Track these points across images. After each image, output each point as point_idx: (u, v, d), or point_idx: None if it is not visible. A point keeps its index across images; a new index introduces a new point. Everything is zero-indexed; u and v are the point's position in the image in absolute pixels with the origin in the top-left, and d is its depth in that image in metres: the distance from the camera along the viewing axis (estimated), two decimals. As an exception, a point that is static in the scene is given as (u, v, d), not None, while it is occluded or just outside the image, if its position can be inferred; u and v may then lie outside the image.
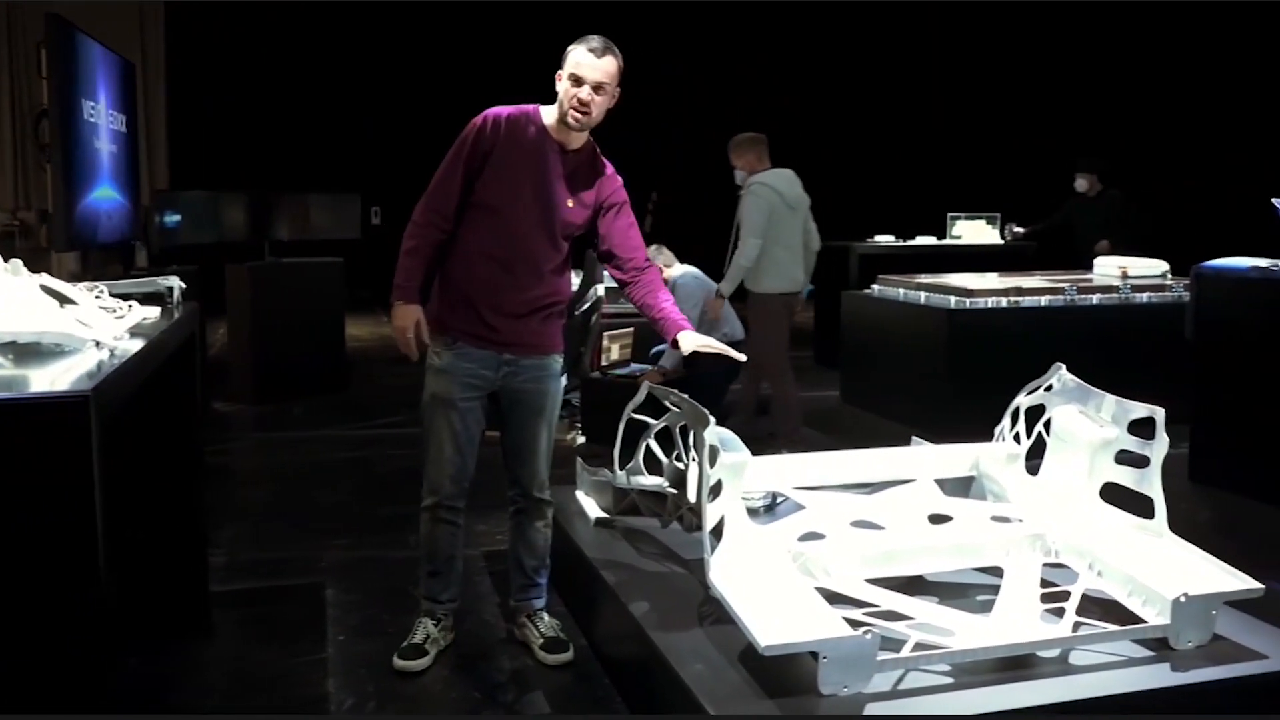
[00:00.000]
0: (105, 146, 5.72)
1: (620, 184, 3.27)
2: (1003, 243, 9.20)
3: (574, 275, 4.45)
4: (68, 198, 5.00)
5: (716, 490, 2.90)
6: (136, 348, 2.42)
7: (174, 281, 3.35)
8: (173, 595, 3.51)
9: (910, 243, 9.16)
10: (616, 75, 3.08)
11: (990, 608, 2.83)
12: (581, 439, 5.85)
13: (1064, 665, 2.64)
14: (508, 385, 3.20)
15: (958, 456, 3.61)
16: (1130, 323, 6.41)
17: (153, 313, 2.96)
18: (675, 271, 6.09)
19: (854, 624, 2.55)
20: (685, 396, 3.04)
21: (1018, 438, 3.53)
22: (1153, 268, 6.80)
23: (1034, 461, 3.49)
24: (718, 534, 2.87)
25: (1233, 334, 5.15)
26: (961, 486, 3.60)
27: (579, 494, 3.99)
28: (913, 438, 3.91)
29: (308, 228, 7.83)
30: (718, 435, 2.94)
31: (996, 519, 3.27)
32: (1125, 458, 3.16)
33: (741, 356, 3.19)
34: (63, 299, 2.54)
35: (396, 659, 3.22)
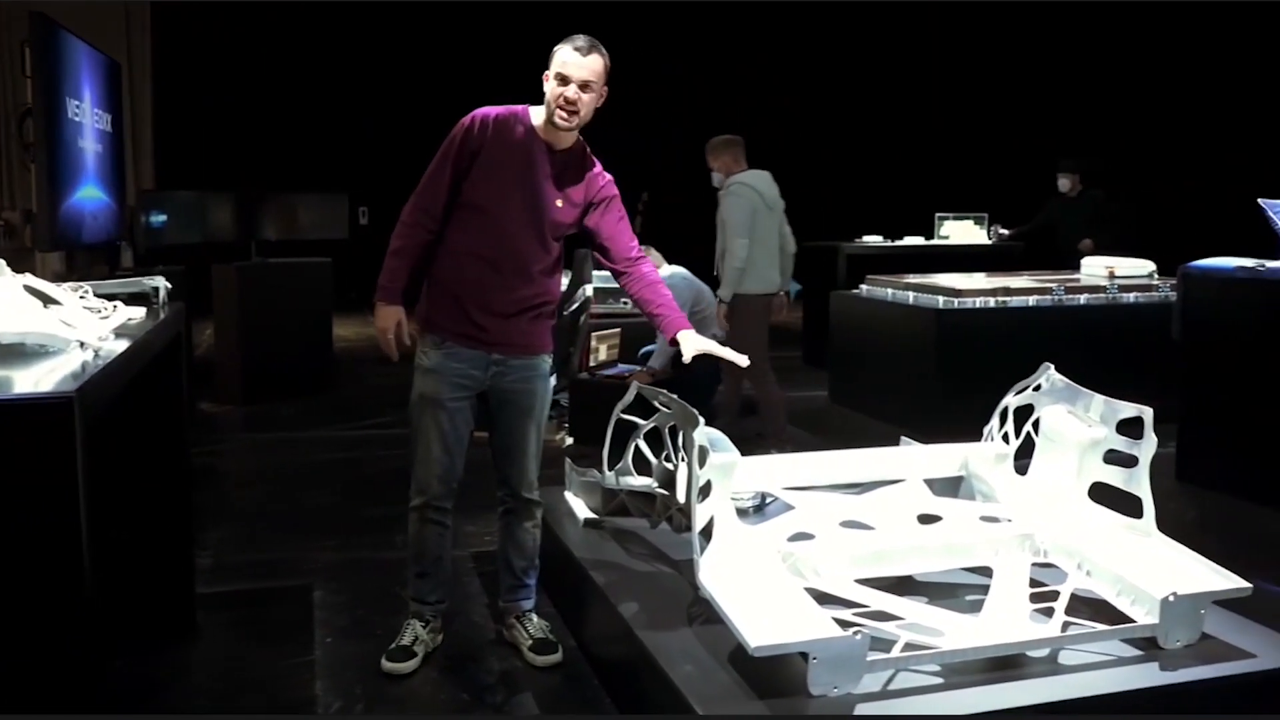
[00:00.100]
0: (90, 146, 5.68)
1: (610, 180, 3.26)
2: (990, 243, 9.23)
3: (563, 275, 4.44)
4: (52, 197, 4.97)
5: (706, 491, 2.89)
6: (121, 348, 2.41)
7: (159, 282, 3.33)
8: (159, 597, 3.49)
9: (898, 243, 9.18)
10: (603, 73, 3.07)
11: (979, 608, 2.83)
12: (569, 440, 5.84)
13: (1053, 665, 2.64)
14: (496, 385, 3.19)
15: (947, 456, 3.61)
16: (1117, 322, 6.44)
17: (138, 313, 2.94)
18: (664, 272, 6.08)
19: (843, 624, 2.55)
20: (674, 397, 3.04)
21: (1006, 438, 3.53)
22: (1139, 268, 6.83)
23: (1023, 461, 3.49)
24: (707, 534, 2.86)
25: (1219, 334, 5.17)
26: (950, 486, 3.60)
27: (568, 495, 3.98)
28: (902, 438, 3.91)
29: (295, 228, 7.80)
30: (707, 436, 2.93)
31: (985, 519, 3.27)
32: (1114, 457, 3.17)
33: (744, 360, 3.16)
34: (47, 299, 2.52)
35: (385, 661, 3.20)
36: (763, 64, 13.81)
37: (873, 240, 9.14)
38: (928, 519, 3.26)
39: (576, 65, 3.02)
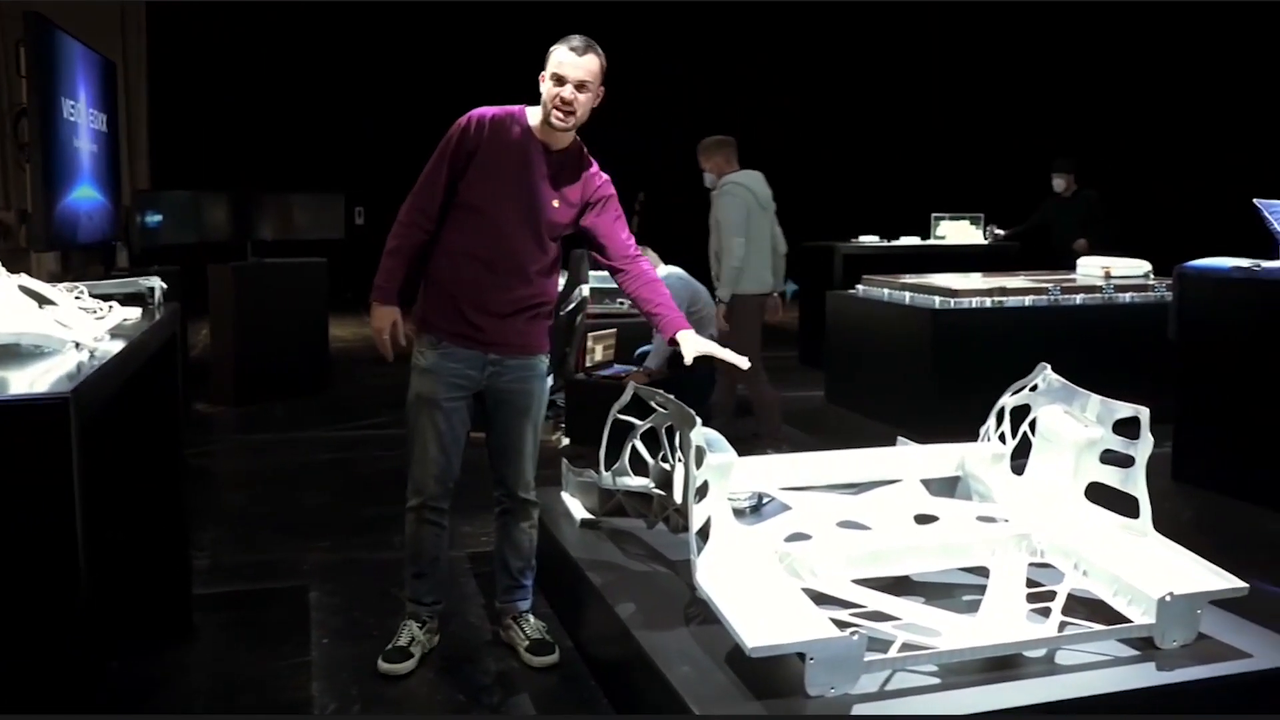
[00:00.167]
0: (85, 146, 5.66)
1: (606, 180, 3.26)
2: (986, 243, 9.24)
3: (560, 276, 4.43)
4: (47, 197, 4.95)
5: (703, 491, 2.89)
6: (117, 349, 2.40)
7: (155, 282, 3.33)
8: (155, 598, 3.48)
9: (894, 243, 9.18)
10: (599, 73, 3.06)
11: (976, 608, 2.83)
12: (565, 441, 5.84)
13: (1050, 665, 2.64)
14: (493, 385, 3.19)
15: (943, 456, 3.61)
16: (1113, 322, 6.45)
17: (134, 313, 2.93)
18: (661, 272, 6.07)
19: (840, 625, 2.54)
20: (671, 397, 3.03)
21: (1003, 438, 3.53)
22: (1135, 268, 6.84)
23: (1019, 461, 3.49)
24: (704, 535, 2.86)
25: (1215, 334, 5.18)
26: (947, 486, 3.60)
27: (564, 495, 3.98)
28: (898, 438, 3.91)
29: (291, 228, 7.79)
30: (704, 436, 2.93)
31: (982, 519, 3.27)
32: (1110, 457, 3.17)
33: (745, 362, 3.14)
34: (42, 300, 2.51)
35: (381, 662, 3.20)
36: (760, 64, 13.81)
37: (869, 240, 9.15)
38: (924, 519, 3.26)
39: (572, 65, 3.02)
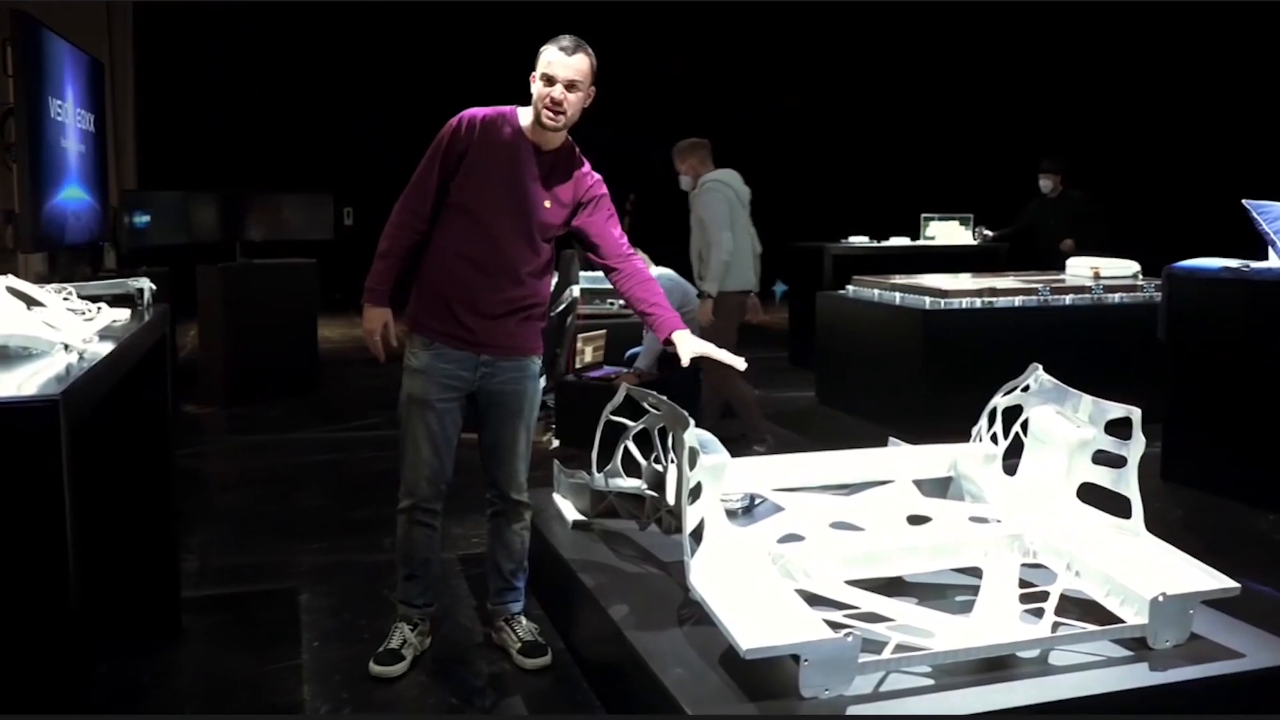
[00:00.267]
0: (73, 146, 5.63)
1: (598, 180, 3.25)
2: (975, 244, 9.26)
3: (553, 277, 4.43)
4: (34, 198, 4.92)
5: (696, 493, 2.88)
6: (106, 351, 2.39)
7: (144, 283, 3.31)
8: (144, 601, 3.46)
9: (884, 243, 9.19)
10: (590, 73, 3.06)
11: (969, 608, 2.83)
12: (555, 442, 5.82)
13: (1043, 666, 2.64)
14: (485, 386, 3.17)
15: (936, 457, 3.61)
16: (1103, 323, 6.47)
17: (123, 315, 2.92)
18: (652, 273, 6.07)
19: (834, 626, 2.54)
20: (664, 398, 3.02)
21: (995, 438, 3.53)
22: (1124, 268, 6.87)
23: (1011, 461, 3.50)
24: (697, 536, 2.85)
25: (1204, 334, 5.19)
26: (939, 487, 3.60)
27: (556, 496, 3.97)
28: (890, 439, 3.91)
29: (280, 228, 7.77)
30: (697, 437, 2.92)
31: (975, 519, 3.27)
32: (1102, 458, 3.17)
33: (741, 364, 3.12)
34: (30, 301, 2.49)
35: (373, 664, 3.18)
36: (751, 67, 13.81)
37: (859, 241, 9.16)
38: (917, 520, 3.25)
39: (562, 65, 3.01)
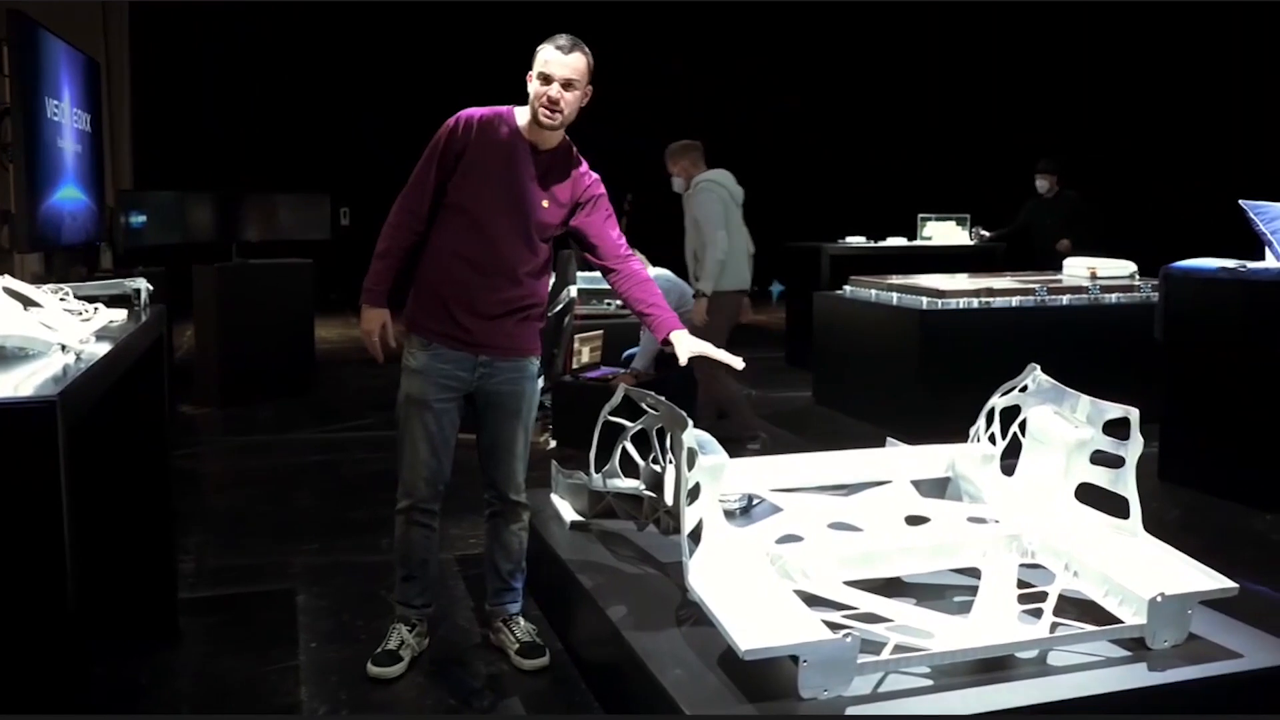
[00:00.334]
0: (69, 146, 5.62)
1: (596, 180, 3.24)
2: (972, 244, 9.26)
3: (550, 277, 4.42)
4: (30, 198, 4.91)
5: (695, 493, 2.88)
6: (104, 351, 2.38)
7: (141, 283, 3.29)
8: (141, 602, 3.44)
9: (881, 244, 9.20)
10: (586, 72, 3.05)
11: (968, 609, 2.83)
12: (553, 443, 5.82)
13: (1042, 666, 2.64)
14: (483, 387, 3.17)
15: (933, 457, 3.61)
16: (1100, 323, 6.47)
17: (119, 315, 2.91)
18: (649, 273, 6.06)
19: (833, 627, 2.54)
20: (663, 399, 3.02)
21: (993, 438, 3.53)
22: (1121, 268, 6.87)
23: (1009, 461, 3.50)
24: (695, 537, 2.85)
25: (1201, 334, 5.20)
26: (937, 487, 3.60)
27: (554, 497, 3.96)
28: (888, 439, 3.91)
29: (276, 228, 7.75)
30: (695, 438, 2.92)
31: (973, 520, 3.27)
32: (1100, 458, 3.17)
33: (739, 363, 3.12)
34: (27, 301, 2.48)
35: (370, 665, 3.18)
36: (747, 68, 13.80)
37: (856, 241, 9.16)
38: (915, 520, 3.25)
39: (559, 64, 3.01)
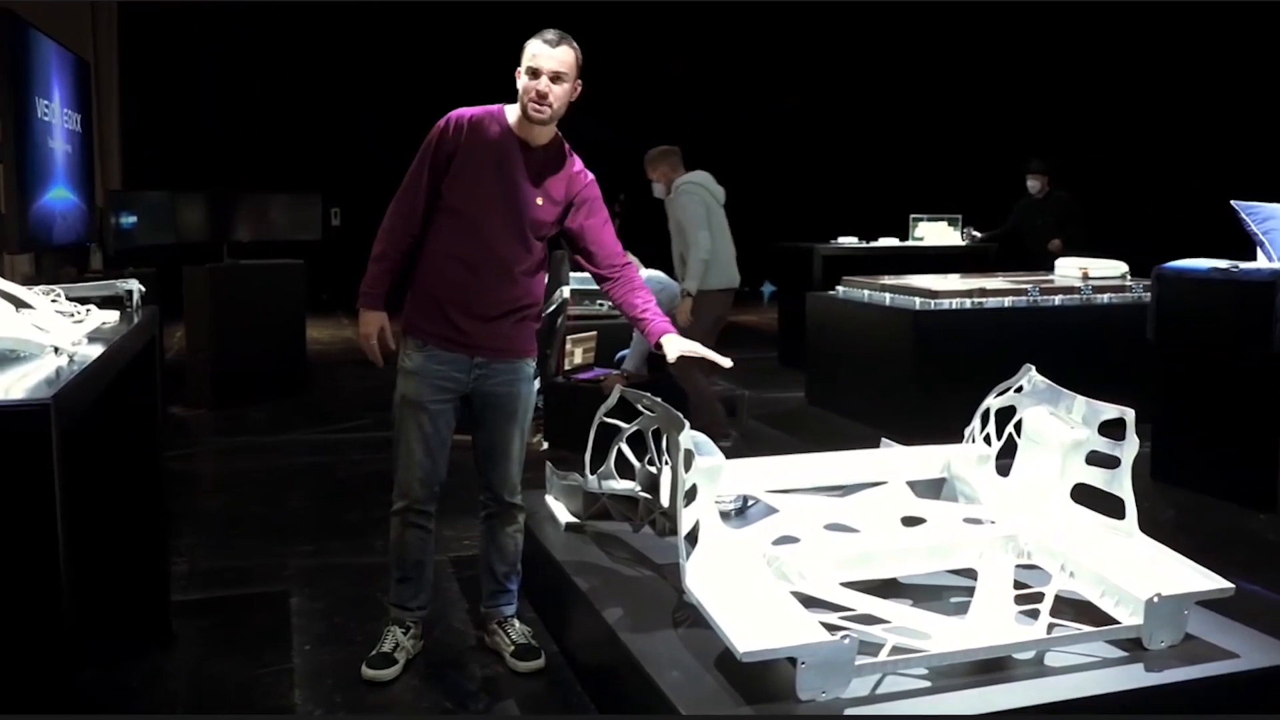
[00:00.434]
0: (59, 146, 5.59)
1: (591, 179, 3.23)
2: (964, 244, 9.28)
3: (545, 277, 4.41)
4: (21, 198, 4.89)
5: (691, 495, 2.87)
6: (97, 354, 2.36)
7: (133, 285, 3.27)
8: (133, 604, 3.43)
9: (873, 244, 9.20)
10: (574, 65, 3.04)
11: (964, 610, 2.83)
12: (546, 444, 5.81)
13: (1039, 667, 2.64)
14: (479, 388, 3.16)
15: (929, 458, 3.61)
16: (1092, 323, 6.48)
17: (112, 317, 2.89)
18: (642, 274, 6.06)
19: (830, 628, 2.53)
20: (659, 400, 3.01)
21: (988, 439, 3.53)
22: (1113, 269, 6.89)
23: (1004, 462, 3.49)
24: (692, 539, 2.84)
25: (1194, 334, 5.21)
26: (933, 488, 3.60)
27: (548, 499, 3.95)
28: (882, 440, 3.90)
29: (267, 229, 7.73)
30: (692, 439, 2.91)
31: (969, 521, 3.26)
32: (1095, 458, 3.18)
33: (727, 363, 3.13)
34: (18, 303, 2.46)
35: (365, 668, 3.16)
36: (751, 68, 13.82)
37: (848, 241, 9.16)
38: (911, 521, 3.25)
39: (547, 57, 3.00)
